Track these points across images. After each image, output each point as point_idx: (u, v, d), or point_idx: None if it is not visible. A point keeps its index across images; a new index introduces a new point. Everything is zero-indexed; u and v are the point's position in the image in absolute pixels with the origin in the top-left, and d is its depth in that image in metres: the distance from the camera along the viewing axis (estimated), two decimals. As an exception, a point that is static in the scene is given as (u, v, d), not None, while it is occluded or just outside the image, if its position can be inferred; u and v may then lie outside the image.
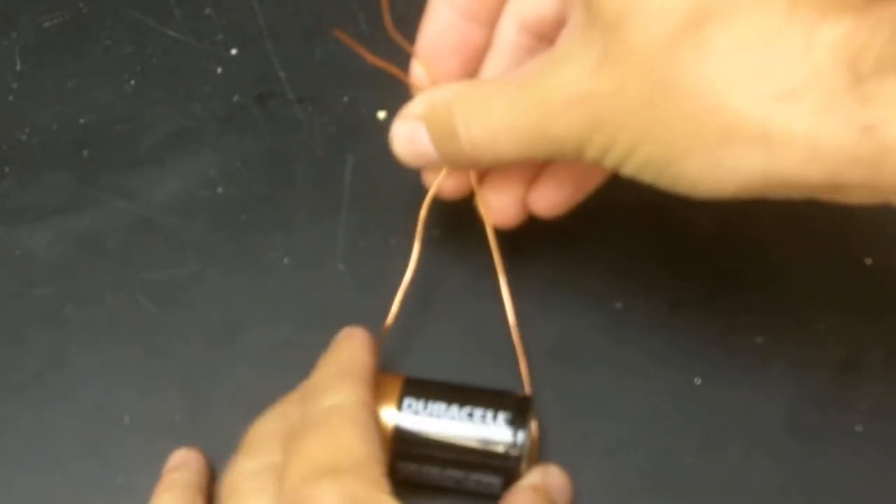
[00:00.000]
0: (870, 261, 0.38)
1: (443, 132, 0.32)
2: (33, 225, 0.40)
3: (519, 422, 0.33)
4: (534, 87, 0.30)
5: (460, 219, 0.39)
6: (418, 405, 0.33)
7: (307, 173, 0.40)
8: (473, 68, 0.35)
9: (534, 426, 0.34)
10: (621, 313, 0.38)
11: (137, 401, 0.37)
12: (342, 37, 0.35)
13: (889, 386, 0.36)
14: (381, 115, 0.41)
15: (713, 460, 0.36)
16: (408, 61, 0.35)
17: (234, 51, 0.43)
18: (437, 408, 0.33)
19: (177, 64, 0.43)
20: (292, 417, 0.31)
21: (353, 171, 0.40)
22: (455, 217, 0.39)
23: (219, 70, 0.42)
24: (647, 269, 0.38)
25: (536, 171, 0.35)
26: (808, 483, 0.35)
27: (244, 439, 0.32)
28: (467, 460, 0.33)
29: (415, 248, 0.35)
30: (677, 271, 0.38)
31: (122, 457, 0.36)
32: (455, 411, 0.33)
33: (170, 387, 0.37)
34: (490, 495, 0.34)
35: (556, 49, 0.30)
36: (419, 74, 0.34)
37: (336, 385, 0.31)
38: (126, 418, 0.37)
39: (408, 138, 0.33)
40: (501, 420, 0.33)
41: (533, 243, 0.38)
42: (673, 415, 0.36)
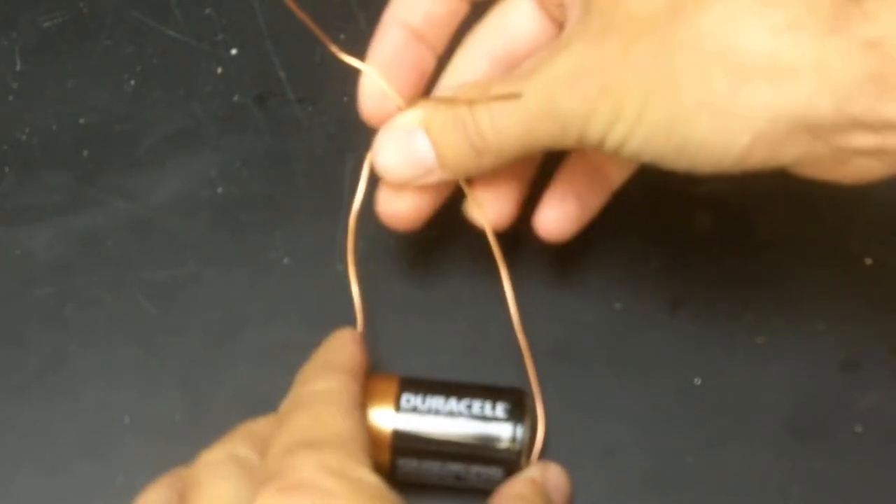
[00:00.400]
0: (870, 261, 0.38)
1: (448, 129, 0.32)
2: (33, 225, 0.40)
3: (518, 412, 0.33)
4: (539, 72, 0.30)
5: (459, 220, 0.39)
6: (416, 400, 0.33)
7: (307, 173, 0.40)
8: (425, 86, 0.35)
9: (539, 424, 0.34)
10: (621, 313, 0.38)
11: (137, 401, 0.37)
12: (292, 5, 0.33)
13: (889, 386, 0.36)
14: (381, 115, 0.41)
15: (713, 460, 0.36)
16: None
17: (234, 51, 0.43)
18: (435, 402, 0.33)
19: (177, 64, 0.43)
20: (258, 427, 0.31)
21: (353, 171, 0.40)
22: (454, 218, 0.39)
23: (219, 70, 0.42)
24: (647, 269, 0.38)
25: (530, 172, 0.35)
26: (808, 483, 0.35)
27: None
28: (468, 453, 0.33)
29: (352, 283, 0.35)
30: (677, 271, 0.38)
31: (122, 457, 0.36)
32: (453, 404, 0.33)
33: (170, 387, 0.37)
34: (491, 491, 0.34)
35: (558, 39, 0.30)
36: (375, 83, 0.34)
37: (322, 374, 0.32)
38: (126, 418, 0.37)
39: (401, 146, 0.33)
40: (500, 410, 0.33)
41: (532, 243, 0.38)
42: (673, 415, 0.36)
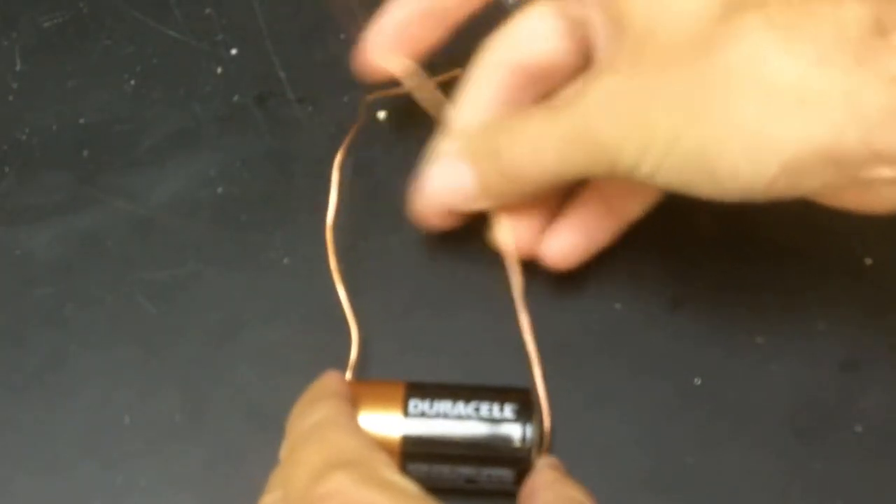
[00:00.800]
0: (870, 261, 0.38)
1: (484, 155, 0.33)
2: (33, 225, 0.40)
3: (526, 412, 0.33)
4: (574, 101, 0.31)
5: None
6: (424, 405, 0.33)
7: (307, 173, 0.40)
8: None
9: (545, 420, 0.34)
10: (621, 313, 0.38)
11: (137, 401, 0.37)
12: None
13: (889, 386, 0.36)
14: (381, 115, 0.41)
15: (713, 460, 0.36)
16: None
17: (234, 51, 0.43)
18: (443, 406, 0.33)
19: (177, 64, 0.43)
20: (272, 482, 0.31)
21: (354, 171, 0.40)
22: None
23: (219, 70, 0.42)
24: (647, 269, 0.38)
25: (553, 209, 0.36)
26: (809, 483, 0.35)
27: None
28: (478, 455, 0.33)
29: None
30: (677, 271, 0.38)
31: (122, 457, 0.36)
32: (461, 407, 0.33)
33: (170, 387, 0.37)
34: (502, 492, 0.34)
35: (589, 72, 0.31)
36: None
37: (313, 406, 0.32)
38: (126, 418, 0.37)
39: (446, 177, 0.34)
40: (509, 411, 0.33)
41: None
42: (673, 415, 0.36)
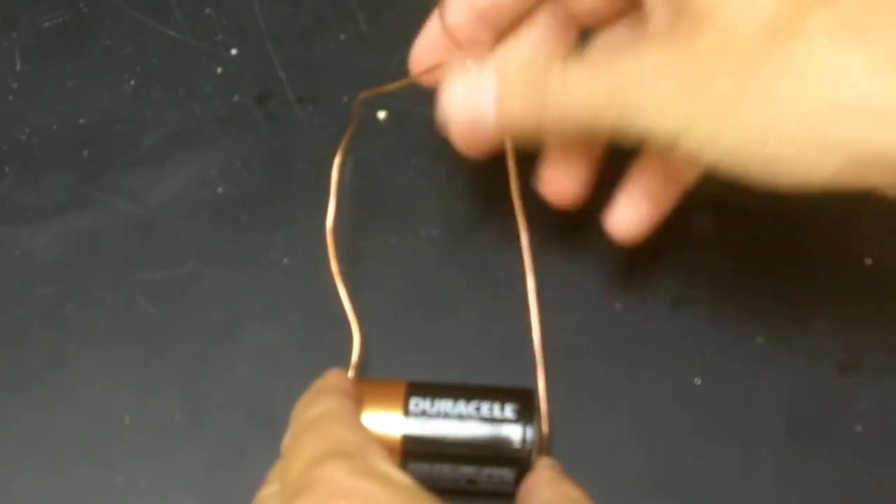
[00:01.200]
0: (870, 261, 0.38)
1: (517, 85, 0.31)
2: (33, 225, 0.40)
3: (527, 412, 0.33)
4: (617, 59, 0.30)
5: (459, 221, 0.39)
6: (425, 404, 0.33)
7: (307, 173, 0.40)
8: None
9: (543, 421, 0.34)
10: (621, 313, 0.38)
11: (137, 401, 0.37)
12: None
13: (889, 386, 0.36)
14: (382, 115, 0.41)
15: (713, 460, 0.36)
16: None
17: (234, 51, 0.43)
18: (443, 405, 0.33)
19: (177, 64, 0.43)
20: (272, 474, 0.31)
21: (353, 171, 0.40)
22: (455, 219, 0.39)
23: (219, 70, 0.42)
24: (647, 269, 0.38)
25: (598, 155, 0.35)
26: (808, 483, 0.35)
27: None
28: (479, 455, 0.33)
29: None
30: (677, 271, 0.38)
31: (122, 457, 0.36)
32: (462, 407, 0.33)
33: (170, 387, 0.37)
34: (502, 492, 0.34)
35: (641, 37, 0.30)
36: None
37: (317, 400, 0.32)
38: (126, 418, 0.37)
39: (467, 95, 0.32)
40: (510, 411, 0.33)
41: (532, 244, 0.38)
42: (673, 415, 0.36)
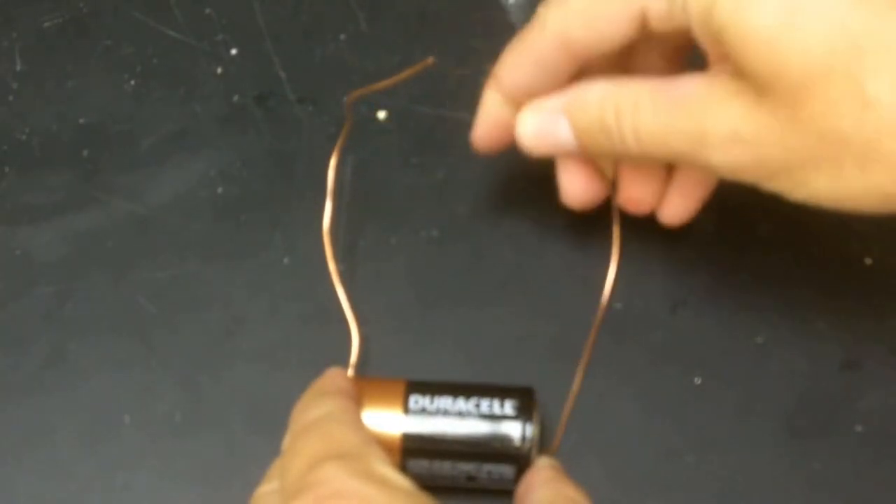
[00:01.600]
0: (870, 261, 0.38)
1: (591, 130, 0.33)
2: (33, 225, 0.40)
3: (527, 409, 0.33)
4: (689, 113, 0.31)
5: (459, 221, 0.39)
6: (425, 401, 0.33)
7: (307, 173, 0.40)
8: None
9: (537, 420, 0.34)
10: (621, 313, 0.38)
11: (137, 400, 0.37)
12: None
13: (889, 386, 0.36)
14: (382, 115, 0.41)
15: (713, 460, 0.36)
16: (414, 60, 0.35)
17: (234, 51, 0.43)
18: (443, 402, 0.33)
19: (177, 64, 0.43)
20: (271, 472, 0.31)
21: (353, 171, 0.40)
22: (455, 218, 0.39)
23: (219, 70, 0.42)
24: (647, 269, 0.38)
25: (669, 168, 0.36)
26: (808, 483, 0.35)
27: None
28: (479, 452, 0.33)
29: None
30: (677, 271, 0.38)
31: (122, 457, 0.36)
32: (462, 404, 0.33)
33: (170, 386, 0.37)
34: (502, 490, 0.34)
35: (711, 82, 0.31)
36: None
37: (318, 401, 0.32)
38: (126, 418, 0.37)
39: (541, 129, 0.34)
40: (509, 408, 0.33)
41: (531, 243, 0.38)
42: (673, 415, 0.36)
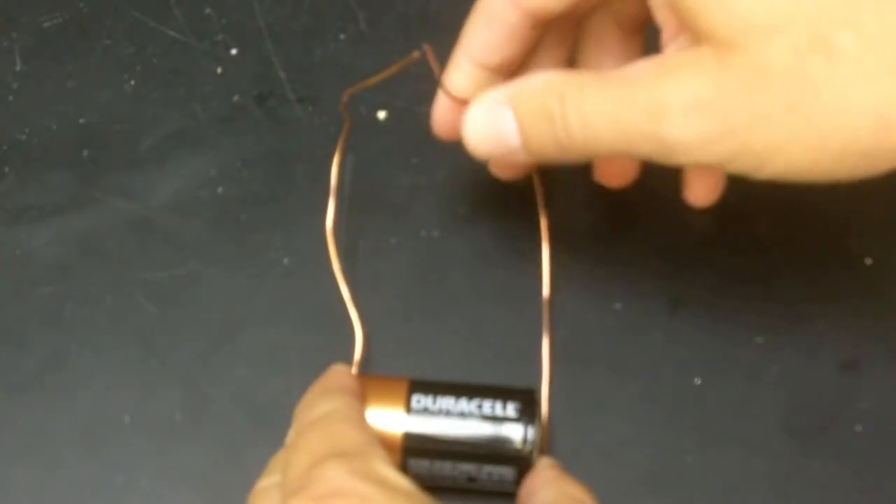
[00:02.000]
0: (870, 261, 0.38)
1: (535, 118, 0.31)
2: (33, 225, 0.40)
3: (528, 411, 0.33)
4: (643, 87, 0.29)
5: (459, 221, 0.39)
6: (427, 401, 0.33)
7: (307, 173, 0.40)
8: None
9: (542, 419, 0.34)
10: (621, 313, 0.38)
11: (137, 401, 0.37)
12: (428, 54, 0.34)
13: (889, 386, 0.36)
14: (382, 115, 0.41)
15: (713, 460, 0.36)
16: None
17: (234, 51, 0.43)
18: (445, 402, 0.33)
19: (177, 64, 0.43)
20: (272, 464, 0.31)
21: (353, 171, 0.40)
22: (455, 217, 0.39)
23: (219, 70, 0.42)
24: (647, 269, 0.38)
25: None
26: (808, 483, 0.35)
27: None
28: (480, 453, 0.33)
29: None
30: (677, 271, 0.38)
31: (122, 457, 0.36)
32: (464, 405, 0.33)
33: (170, 387, 0.37)
34: (503, 492, 0.34)
35: (665, 57, 0.30)
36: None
37: (323, 398, 0.32)
38: (126, 418, 0.37)
39: (488, 124, 0.32)
40: (511, 410, 0.33)
41: (531, 243, 0.38)
42: (673, 415, 0.36)
